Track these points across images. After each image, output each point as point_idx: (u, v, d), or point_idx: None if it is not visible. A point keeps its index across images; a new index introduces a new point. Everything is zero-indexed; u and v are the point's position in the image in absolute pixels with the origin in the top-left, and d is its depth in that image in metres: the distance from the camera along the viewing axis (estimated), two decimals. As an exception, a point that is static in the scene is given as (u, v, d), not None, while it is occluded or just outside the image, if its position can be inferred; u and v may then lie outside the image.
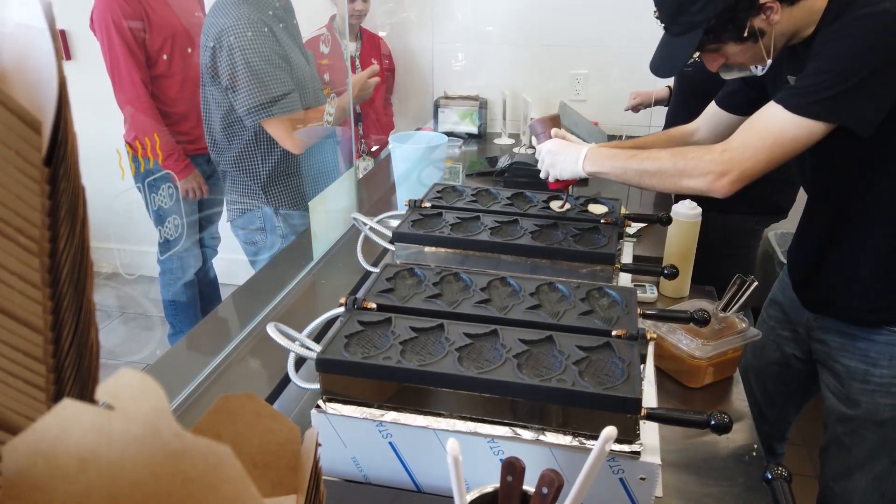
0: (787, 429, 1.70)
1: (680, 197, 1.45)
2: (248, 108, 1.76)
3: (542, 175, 1.40)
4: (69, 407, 0.24)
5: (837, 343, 1.36)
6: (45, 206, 0.33)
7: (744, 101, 1.44)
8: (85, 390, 0.38)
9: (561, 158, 1.34)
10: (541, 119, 1.42)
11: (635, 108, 2.47)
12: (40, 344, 0.33)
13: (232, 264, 2.42)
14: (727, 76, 1.32)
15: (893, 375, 1.27)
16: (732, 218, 1.91)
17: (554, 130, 1.40)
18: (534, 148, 2.49)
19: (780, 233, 2.59)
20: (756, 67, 1.25)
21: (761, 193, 1.90)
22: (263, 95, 1.75)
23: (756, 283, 1.20)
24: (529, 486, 0.64)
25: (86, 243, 0.38)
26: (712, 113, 1.52)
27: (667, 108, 2.33)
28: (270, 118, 1.77)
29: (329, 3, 2.57)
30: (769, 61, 1.22)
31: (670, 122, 2.11)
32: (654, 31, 1.27)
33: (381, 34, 2.88)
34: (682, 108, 2.05)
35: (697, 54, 1.95)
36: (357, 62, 2.72)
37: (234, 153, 1.92)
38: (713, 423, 0.80)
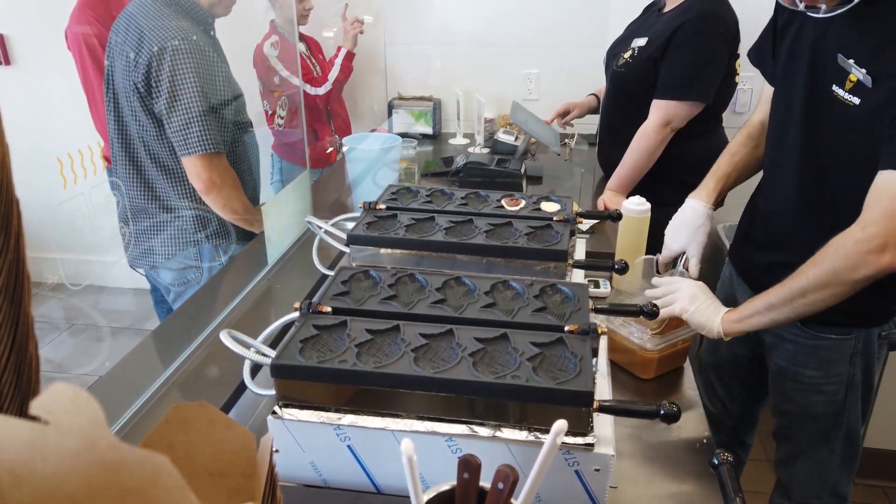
0: (755, 420, 1.72)
1: (630, 193, 1.49)
2: (191, 138, 1.56)
3: (661, 309, 1.16)
4: (2, 423, 0.24)
5: (769, 343, 1.41)
6: (-25, 221, 0.32)
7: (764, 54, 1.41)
8: (25, 406, 0.37)
9: (698, 312, 1.23)
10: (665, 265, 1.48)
11: (568, 121, 2.41)
12: (-25, 360, 0.32)
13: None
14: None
15: (822, 376, 1.32)
16: (675, 210, 1.96)
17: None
18: (488, 148, 2.51)
19: (727, 225, 2.66)
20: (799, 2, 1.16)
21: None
22: (208, 127, 1.55)
23: (685, 256, 1.26)
24: (487, 483, 0.65)
25: (21, 256, 0.37)
26: (766, 97, 1.46)
27: (598, 112, 2.35)
28: (209, 153, 1.58)
29: (268, 6, 2.54)
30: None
31: (606, 121, 2.14)
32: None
33: (326, 34, 2.87)
34: (615, 106, 2.08)
35: (628, 54, 1.99)
36: (314, 61, 2.71)
37: (168, 183, 1.68)
38: (662, 412, 0.83)
